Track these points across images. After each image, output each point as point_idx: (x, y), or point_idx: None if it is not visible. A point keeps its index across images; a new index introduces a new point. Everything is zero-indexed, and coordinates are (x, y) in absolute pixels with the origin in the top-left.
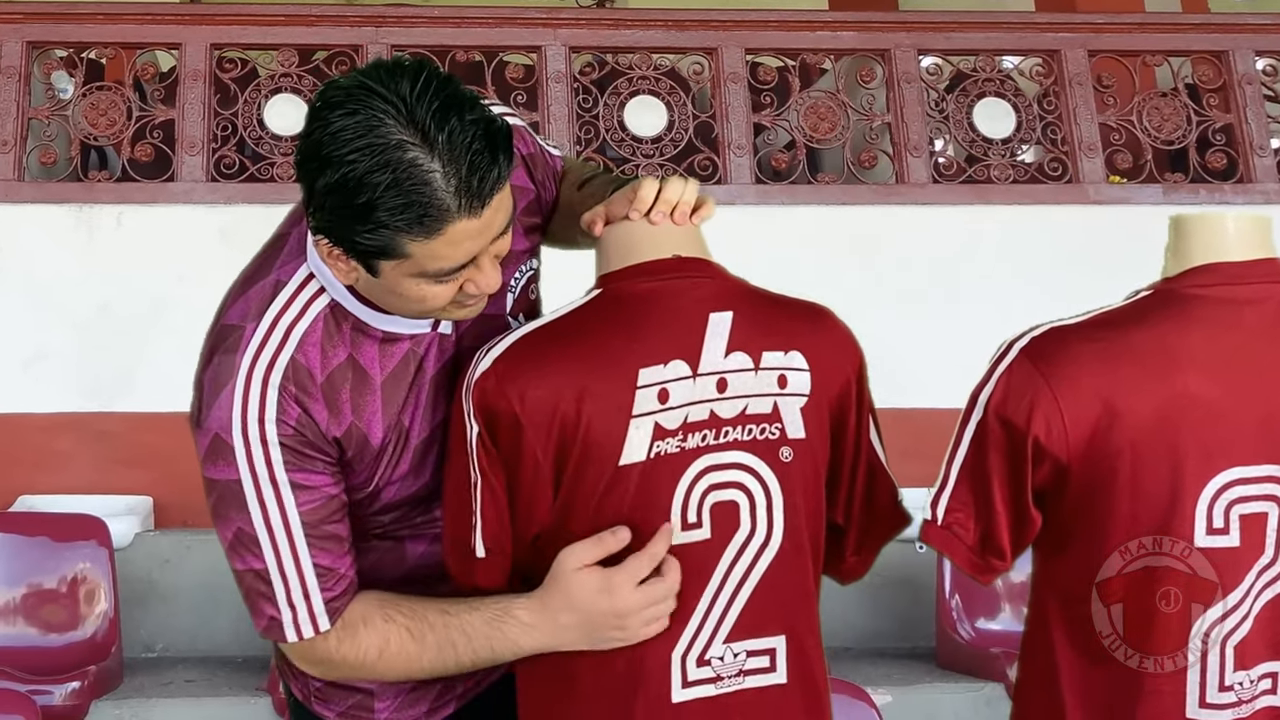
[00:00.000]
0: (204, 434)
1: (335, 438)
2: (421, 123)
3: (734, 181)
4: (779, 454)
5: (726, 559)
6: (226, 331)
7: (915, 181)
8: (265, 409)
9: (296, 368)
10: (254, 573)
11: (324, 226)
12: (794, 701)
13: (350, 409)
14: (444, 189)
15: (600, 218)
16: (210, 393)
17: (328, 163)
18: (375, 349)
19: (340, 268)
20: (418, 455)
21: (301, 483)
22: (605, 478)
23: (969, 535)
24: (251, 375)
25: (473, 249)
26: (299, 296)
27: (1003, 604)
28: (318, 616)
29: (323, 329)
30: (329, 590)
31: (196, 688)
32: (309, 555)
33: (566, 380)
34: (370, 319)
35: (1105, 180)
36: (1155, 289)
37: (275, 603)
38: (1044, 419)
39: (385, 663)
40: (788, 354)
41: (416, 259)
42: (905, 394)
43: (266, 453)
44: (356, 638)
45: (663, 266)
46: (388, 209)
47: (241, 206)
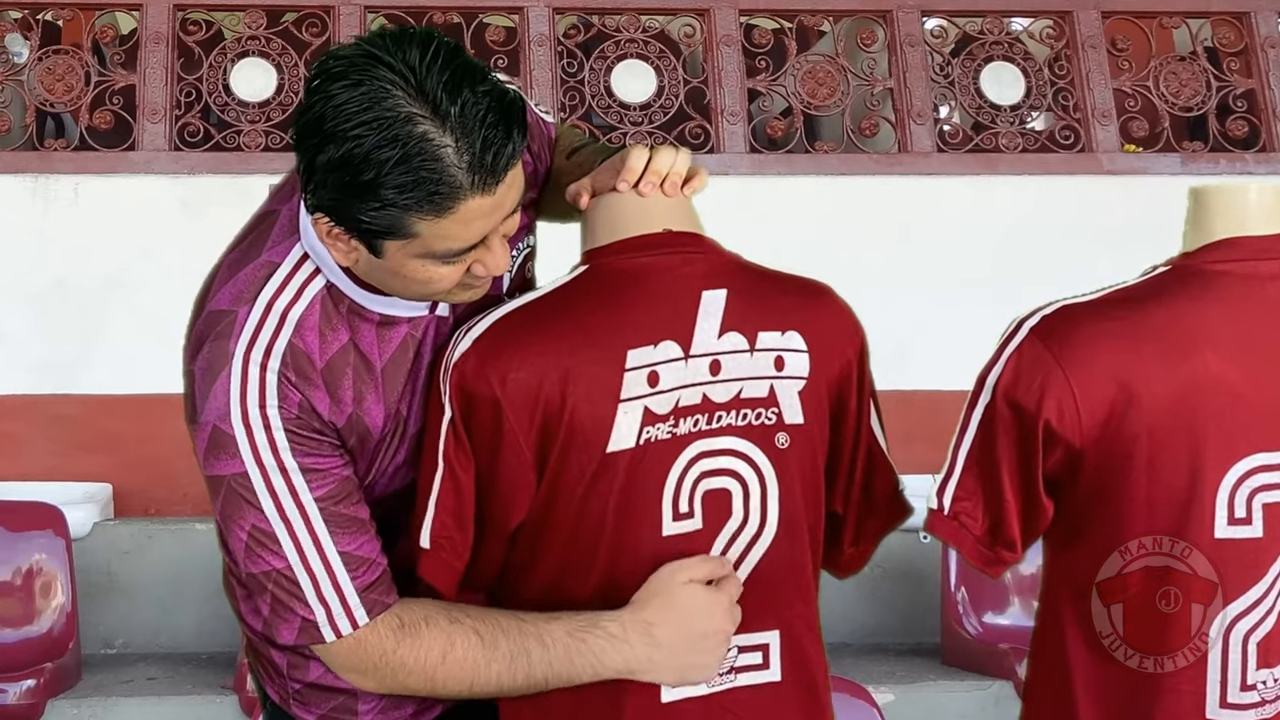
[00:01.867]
0: (201, 429)
1: (336, 427)
2: (432, 94)
3: (727, 151)
4: (775, 440)
5: (717, 549)
6: (216, 317)
7: (919, 151)
8: (265, 394)
9: (295, 353)
10: (276, 573)
11: (325, 205)
12: (789, 700)
13: (352, 398)
14: (456, 165)
15: (586, 190)
16: (203, 383)
17: (330, 137)
18: (373, 333)
19: (340, 248)
20: (414, 445)
21: (312, 466)
22: (592, 465)
23: (976, 525)
24: (249, 360)
25: (484, 228)
26: (294, 279)
27: (1012, 598)
28: (354, 610)
29: (320, 313)
30: (361, 578)
31: (159, 686)
32: (332, 543)
33: (550, 362)
34: (366, 301)
35: (1120, 149)
36: (1173, 264)
37: (305, 601)
38: (1055, 402)
39: (448, 669)
40: (785, 334)
41: (424, 239)
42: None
43: (271, 438)
44: (419, 638)
45: (652, 241)
46: (396, 186)
47: (206, 177)
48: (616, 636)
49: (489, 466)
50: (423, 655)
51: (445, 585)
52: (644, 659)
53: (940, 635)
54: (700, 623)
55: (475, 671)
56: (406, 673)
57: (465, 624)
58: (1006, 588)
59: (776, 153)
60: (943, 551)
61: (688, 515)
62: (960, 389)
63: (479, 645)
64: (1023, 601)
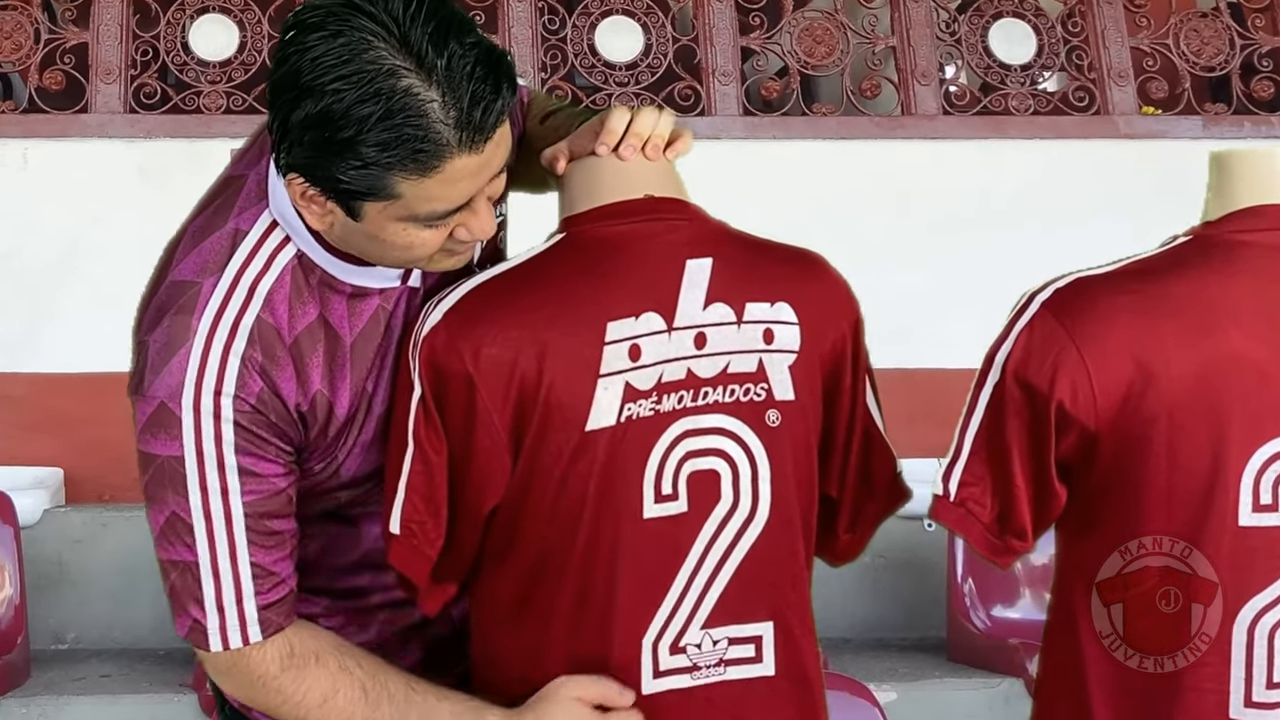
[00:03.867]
0: (146, 401)
1: (300, 412)
2: (417, 46)
3: (719, 113)
4: (765, 418)
5: (705, 535)
6: (179, 288)
7: (923, 113)
8: (224, 381)
9: (263, 328)
10: (183, 565)
11: (300, 163)
12: (783, 695)
13: (319, 375)
14: (442, 121)
15: (563, 154)
16: (158, 356)
17: (307, 92)
18: (344, 306)
19: (315, 211)
20: (382, 424)
21: (250, 468)
22: (570, 445)
23: (985, 512)
24: (211, 340)
25: (469, 189)
26: (262, 248)
27: (1022, 590)
28: (249, 625)
29: (290, 284)
30: (265, 595)
31: (113, 684)
32: (247, 552)
33: (525, 335)
34: (339, 272)
35: (1137, 112)
36: (1194, 234)
37: (202, 604)
38: (1069, 381)
39: (324, 713)
40: (774, 305)
41: (406, 200)
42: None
43: (218, 429)
44: (304, 673)
45: (633, 207)
46: (377, 144)
47: (164, 141)
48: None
49: (462, 447)
50: (303, 692)
51: (418, 574)
52: None
53: (946, 630)
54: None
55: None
56: (280, 700)
57: (355, 675)
58: (1016, 579)
59: (771, 115)
60: (949, 540)
61: (671, 497)
62: (967, 367)
63: (361, 702)
64: (1034, 594)
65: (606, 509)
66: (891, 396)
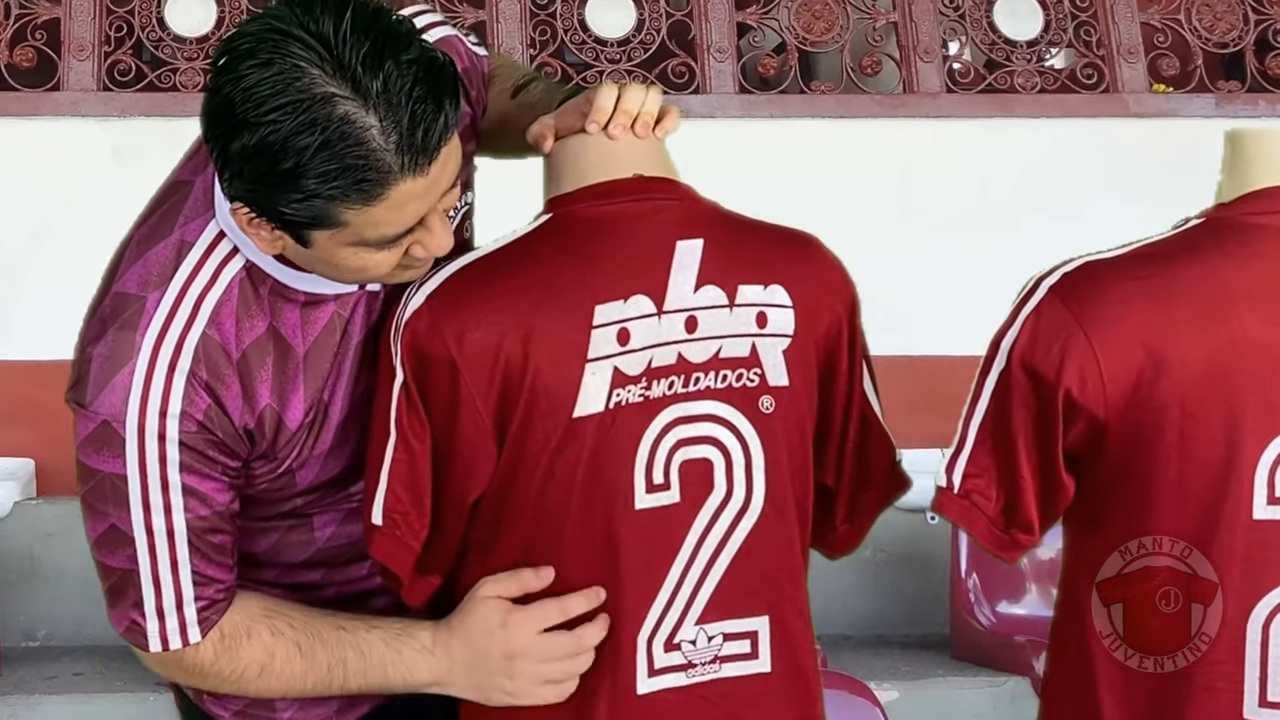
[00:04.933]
0: (88, 417)
1: (247, 429)
2: (351, 69)
3: (714, 91)
4: (759, 404)
5: (699, 526)
6: (123, 301)
7: (926, 91)
8: (169, 401)
9: (208, 345)
10: (123, 573)
11: (242, 195)
12: (780, 692)
13: (269, 390)
14: (383, 147)
15: (550, 131)
16: (102, 372)
17: (243, 124)
18: (297, 315)
19: (264, 237)
20: (339, 434)
21: (195, 487)
22: (558, 432)
23: (990, 505)
24: (156, 359)
25: (419, 210)
26: (209, 260)
27: (1029, 585)
28: (188, 627)
29: (238, 297)
30: (205, 599)
31: (86, 682)
32: (189, 562)
33: (511, 319)
34: (291, 280)
35: (1148, 90)
36: (1207, 217)
37: (142, 609)
38: (1077, 369)
39: (264, 682)
40: (768, 288)
41: (354, 227)
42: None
43: (163, 450)
44: (237, 651)
45: (622, 187)
46: (318, 175)
47: (138, 120)
48: (426, 650)
49: (445, 434)
50: (240, 668)
51: (401, 567)
52: (445, 672)
53: (949, 626)
54: (486, 642)
55: (290, 684)
56: (218, 683)
57: (287, 636)
58: (1023, 574)
59: (768, 93)
60: (952, 534)
61: (663, 487)
62: (972, 354)
63: (297, 658)
64: (1040, 589)
65: (596, 499)
66: (893, 385)
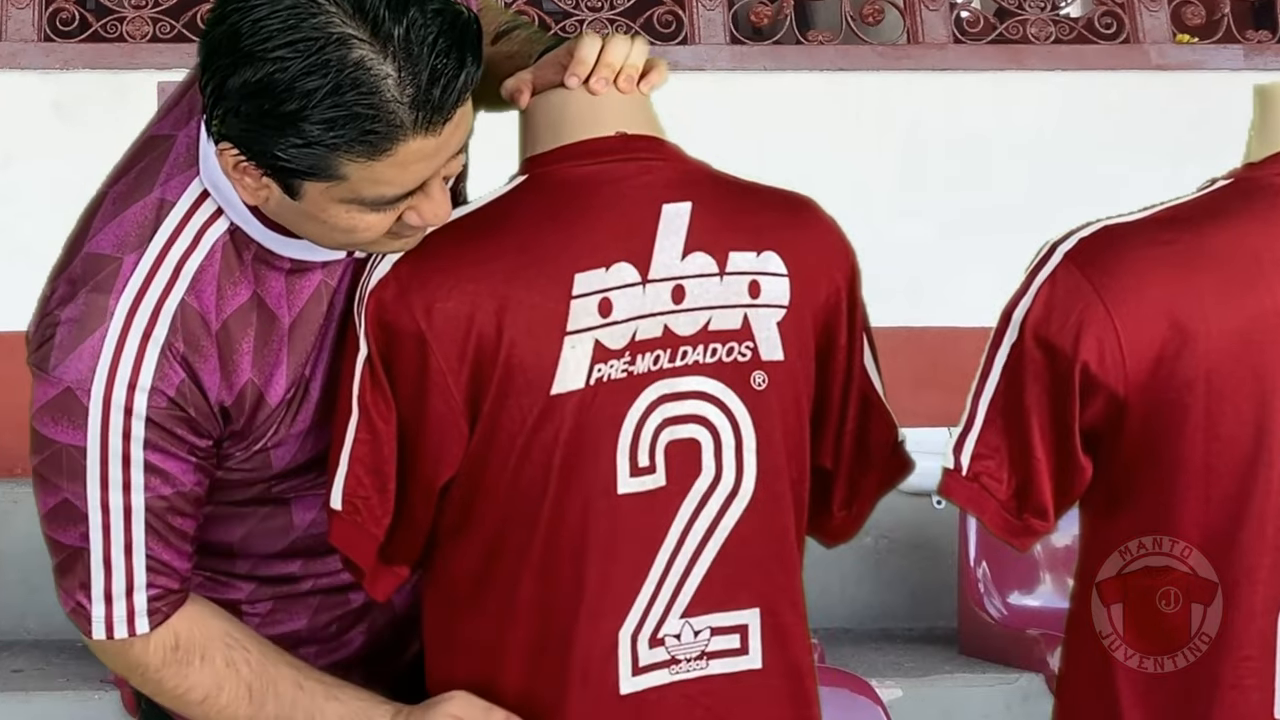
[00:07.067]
0: (49, 382)
1: (223, 406)
2: (372, 12)
3: (703, 41)
4: (750, 380)
5: (685, 512)
6: (96, 262)
7: (932, 41)
8: (140, 374)
9: (187, 314)
10: (73, 550)
11: (234, 135)
12: (773, 689)
13: (250, 363)
14: (397, 99)
15: (527, 85)
16: (70, 337)
17: (247, 58)
18: (282, 284)
19: (247, 184)
20: (318, 413)
21: (158, 466)
22: (534, 410)
23: (1001, 488)
24: (129, 327)
25: (423, 173)
26: (191, 221)
27: (1042, 574)
28: (136, 617)
29: (220, 263)
30: (157, 588)
31: (26, 679)
32: (144, 546)
33: (484, 288)
34: (277, 246)
35: (1171, 40)
36: (1235, 177)
37: (89, 591)
38: (1095, 341)
39: (204, 709)
40: (760, 255)
41: (352, 183)
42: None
43: (127, 426)
44: (187, 669)
45: (604, 146)
46: (323, 121)
47: (82, 73)
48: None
49: (413, 413)
50: (184, 688)
51: (362, 556)
52: None
53: (957, 619)
54: None
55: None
56: (156, 690)
57: (241, 673)
58: (1036, 563)
59: (762, 44)
60: (960, 519)
61: (648, 470)
62: (981, 325)
63: (245, 701)
64: (1055, 579)
65: (574, 482)
66: (897, 358)
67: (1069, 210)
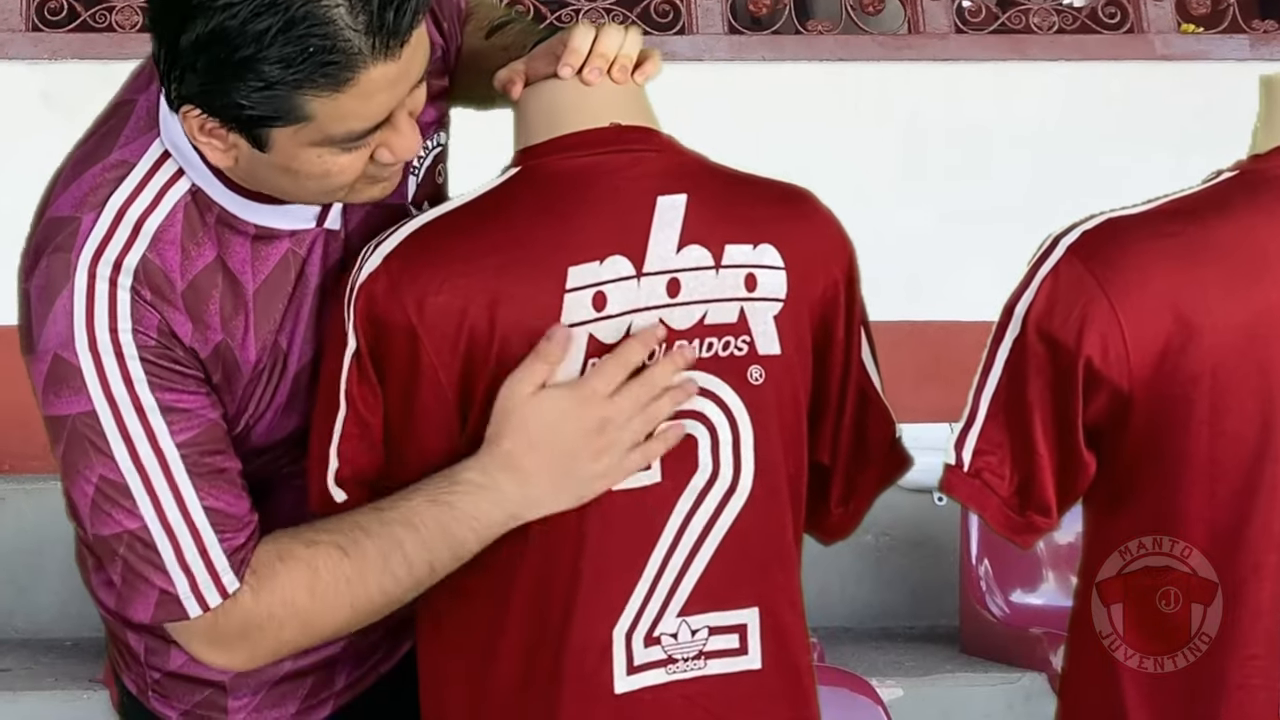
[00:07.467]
0: (39, 359)
1: (200, 358)
2: None
3: (701, 31)
4: (747, 375)
5: (682, 509)
6: (56, 225)
7: (933, 31)
8: (116, 314)
9: (149, 268)
10: (129, 535)
11: (194, 93)
12: (772, 690)
13: (219, 324)
14: (351, 27)
15: (519, 76)
16: (41, 304)
17: (195, 13)
18: (247, 249)
19: (216, 147)
20: (298, 385)
21: (173, 404)
22: None
23: (1003, 484)
24: (94, 275)
25: (388, 102)
26: (151, 181)
27: (1045, 572)
28: (222, 575)
29: (182, 224)
30: (230, 539)
31: (14, 679)
32: (197, 498)
33: (476, 282)
34: (240, 210)
35: (1176, 30)
36: (1241, 169)
37: (165, 569)
38: (1099, 335)
39: (321, 601)
40: (757, 248)
41: (319, 121)
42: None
43: (124, 368)
44: (275, 580)
45: (598, 137)
46: (280, 60)
47: (71, 63)
48: (484, 485)
49: (402, 408)
50: (289, 597)
51: None
52: (521, 500)
53: (959, 618)
54: (566, 434)
55: (352, 591)
56: (277, 625)
57: (324, 541)
58: (1039, 560)
59: (761, 34)
60: (962, 516)
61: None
62: (983, 319)
63: (344, 560)
64: (1058, 577)
65: None
66: (897, 353)
67: (1071, 203)
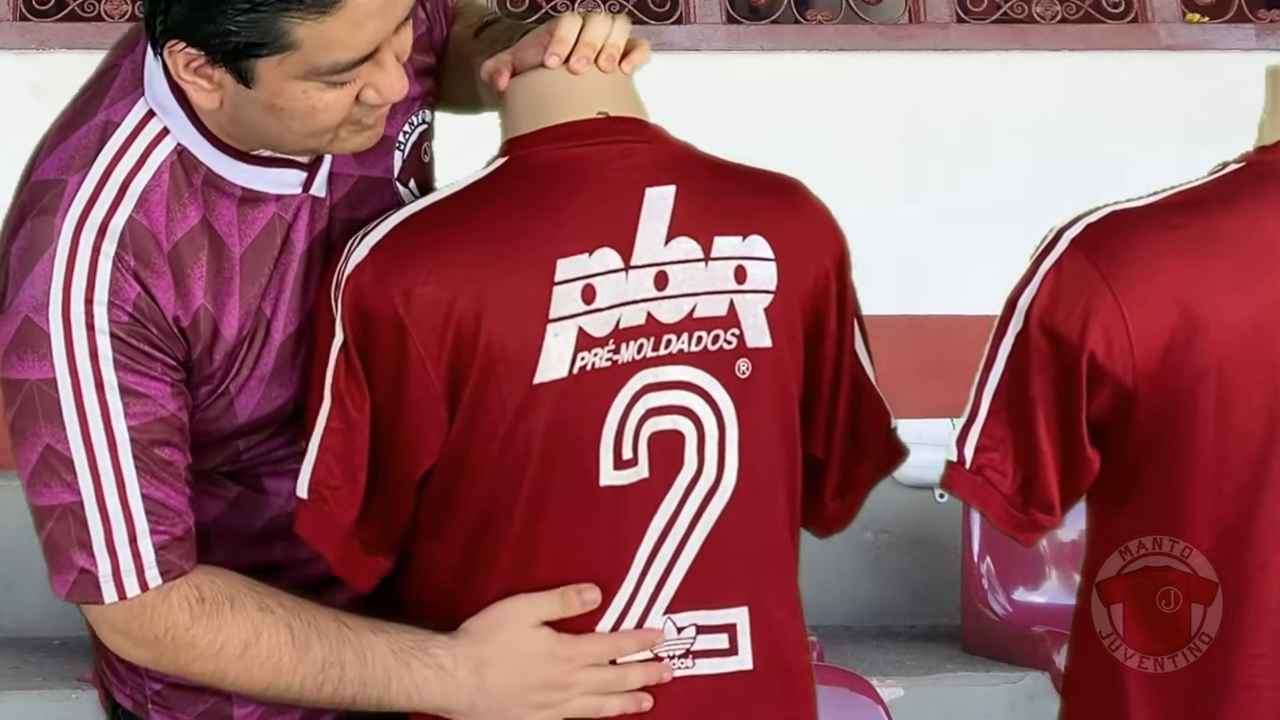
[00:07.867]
0: (9, 319)
1: (180, 326)
2: None
3: (698, 21)
4: (735, 369)
5: (668, 506)
6: (41, 188)
7: (934, 21)
8: (95, 286)
9: (136, 231)
10: (63, 509)
11: (179, 23)
12: (764, 691)
13: (202, 289)
14: None
15: (506, 66)
16: (20, 266)
17: None
18: (233, 212)
19: (202, 86)
20: (283, 355)
21: (134, 387)
22: (516, 399)
23: (1006, 481)
24: (78, 241)
25: (375, 32)
26: (136, 141)
27: (1048, 570)
28: (146, 568)
29: (169, 183)
30: (161, 533)
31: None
32: (137, 483)
33: (464, 274)
34: (227, 170)
35: (1180, 19)
36: (1248, 161)
37: (90, 548)
38: (1103, 330)
39: (246, 664)
40: (747, 239)
41: (305, 50)
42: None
43: (93, 342)
44: (219, 619)
45: (586, 128)
46: None
47: (59, 54)
48: (445, 668)
49: (390, 402)
50: (220, 642)
51: (328, 545)
52: (465, 701)
53: (960, 616)
54: (543, 671)
55: (277, 674)
56: (193, 656)
57: (277, 615)
58: (1042, 558)
59: (759, 23)
60: (964, 514)
61: (631, 462)
62: (985, 314)
63: (289, 645)
64: (1061, 575)
65: (556, 474)
66: (898, 348)
67: (1074, 195)
